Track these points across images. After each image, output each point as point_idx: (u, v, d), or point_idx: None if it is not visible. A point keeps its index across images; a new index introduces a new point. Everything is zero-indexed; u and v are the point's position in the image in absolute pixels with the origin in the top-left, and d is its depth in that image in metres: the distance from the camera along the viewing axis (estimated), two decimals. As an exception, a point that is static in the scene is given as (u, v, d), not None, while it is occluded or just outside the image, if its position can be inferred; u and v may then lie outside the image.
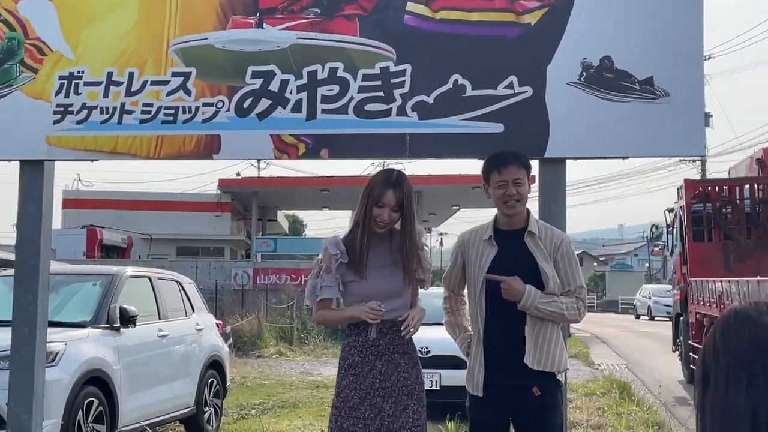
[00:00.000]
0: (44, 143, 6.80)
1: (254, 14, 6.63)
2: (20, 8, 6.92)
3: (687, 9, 6.32)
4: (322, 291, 4.47)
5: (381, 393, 4.07)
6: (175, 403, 10.06)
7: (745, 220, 16.87)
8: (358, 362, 4.23)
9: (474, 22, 6.43)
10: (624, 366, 20.28)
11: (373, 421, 4.12)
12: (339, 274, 4.46)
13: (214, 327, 11.50)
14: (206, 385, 10.63)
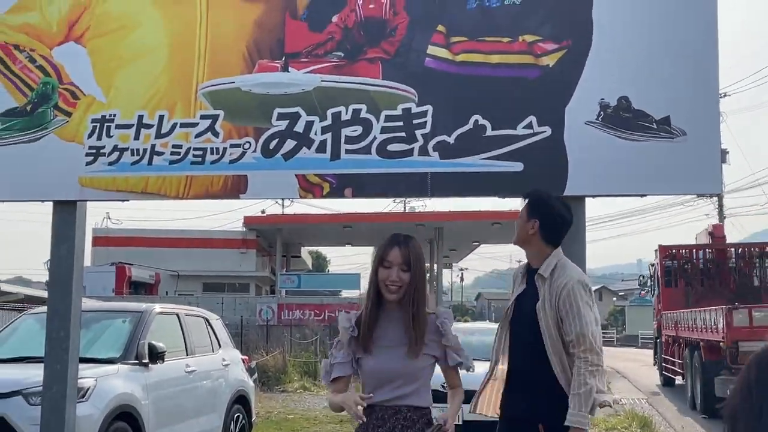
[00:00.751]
0: (77, 184, 6.88)
1: (280, 58, 6.71)
2: (54, 54, 7.04)
3: (703, 50, 6.35)
4: (333, 369, 3.99)
5: None
6: (203, 437, 10.07)
7: (699, 274, 24.11)
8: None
9: (494, 64, 6.48)
10: (645, 400, 20.08)
11: None
12: (352, 350, 3.97)
13: (239, 362, 11.50)
14: (232, 420, 10.63)
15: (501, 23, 6.51)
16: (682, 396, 20.28)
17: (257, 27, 6.79)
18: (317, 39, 6.69)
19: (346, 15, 6.68)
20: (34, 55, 7.08)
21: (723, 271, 23.53)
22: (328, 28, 6.69)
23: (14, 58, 7.11)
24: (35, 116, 7.01)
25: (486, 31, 6.53)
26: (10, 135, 7.03)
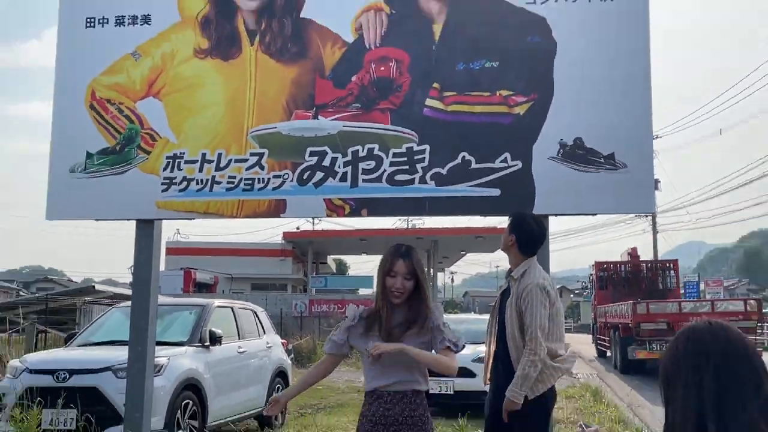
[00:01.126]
0: (154, 207, 6.90)
1: (311, 109, 6.72)
2: (138, 106, 7.06)
3: (640, 101, 6.33)
4: (329, 343, 3.88)
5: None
6: (250, 404, 10.03)
7: (621, 281, 26.80)
8: (368, 430, 3.45)
9: (477, 113, 6.48)
10: (596, 375, 20.07)
11: None
12: (354, 342, 3.73)
13: (279, 345, 11.47)
14: (274, 390, 10.59)
15: (482, 81, 6.51)
16: (608, 362, 23.76)
17: (293, 85, 6.80)
18: (340, 94, 6.70)
19: (363, 75, 6.69)
20: (122, 107, 7.11)
21: (637, 279, 26.58)
22: (349, 86, 6.70)
23: (106, 110, 7.13)
24: (122, 154, 7.03)
25: (471, 88, 6.53)
26: (103, 169, 7.04)
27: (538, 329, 4.52)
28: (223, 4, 7.01)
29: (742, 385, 1.70)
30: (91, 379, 7.97)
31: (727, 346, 1.74)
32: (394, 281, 3.56)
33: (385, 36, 6.69)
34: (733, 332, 1.78)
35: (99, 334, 9.57)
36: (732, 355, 1.73)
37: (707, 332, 1.79)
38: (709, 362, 1.72)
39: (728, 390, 1.69)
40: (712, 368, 1.71)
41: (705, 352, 1.74)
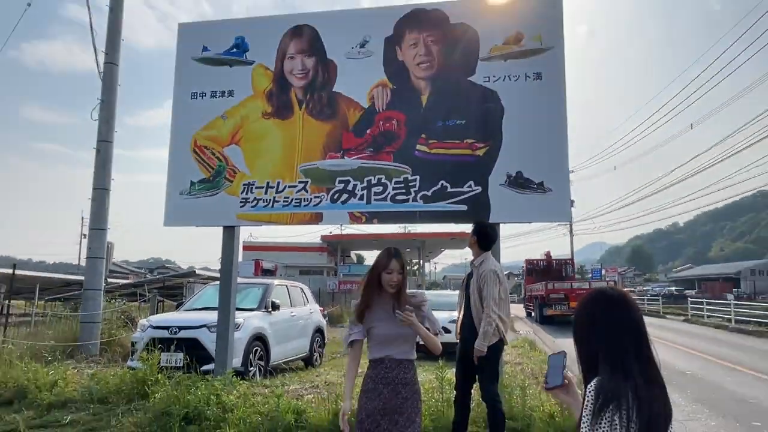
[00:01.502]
0: (235, 217, 6.89)
1: (339, 151, 6.70)
2: (224, 150, 7.07)
3: (558, 146, 6.31)
4: (350, 337, 3.23)
5: (381, 412, 3.06)
6: (299, 350, 9.96)
7: (541, 271, 27.76)
8: (370, 389, 3.11)
9: (451, 154, 6.47)
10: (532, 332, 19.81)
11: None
12: (367, 325, 3.22)
13: (318, 311, 11.39)
14: (314, 341, 10.53)
15: (454, 133, 6.49)
16: (532, 319, 24.83)
17: (328, 136, 6.79)
18: (359, 141, 6.69)
19: (374, 129, 6.67)
20: (214, 151, 7.11)
21: (549, 270, 27.94)
22: (365, 136, 6.69)
23: (204, 153, 7.14)
24: (214, 182, 7.03)
25: (447, 137, 6.51)
26: (201, 192, 7.05)
27: (491, 300, 4.54)
28: (281, 83, 7.03)
29: (631, 329, 1.65)
30: (192, 333, 7.94)
31: (622, 305, 1.69)
32: (390, 276, 3.18)
33: (389, 103, 6.69)
34: (626, 297, 1.72)
35: (198, 302, 9.53)
36: (628, 309, 1.68)
37: (611, 294, 1.72)
38: (613, 314, 1.67)
39: (623, 333, 1.64)
40: (615, 318, 1.67)
41: (608, 309, 1.69)
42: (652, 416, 1.51)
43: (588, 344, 1.69)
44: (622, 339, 1.63)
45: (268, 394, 6.10)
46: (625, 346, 1.63)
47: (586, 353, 1.68)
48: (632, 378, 1.56)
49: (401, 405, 3.12)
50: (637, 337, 1.64)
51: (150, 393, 6.19)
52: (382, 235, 35.00)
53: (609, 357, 1.62)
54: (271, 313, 9.13)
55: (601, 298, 1.73)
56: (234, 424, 5.19)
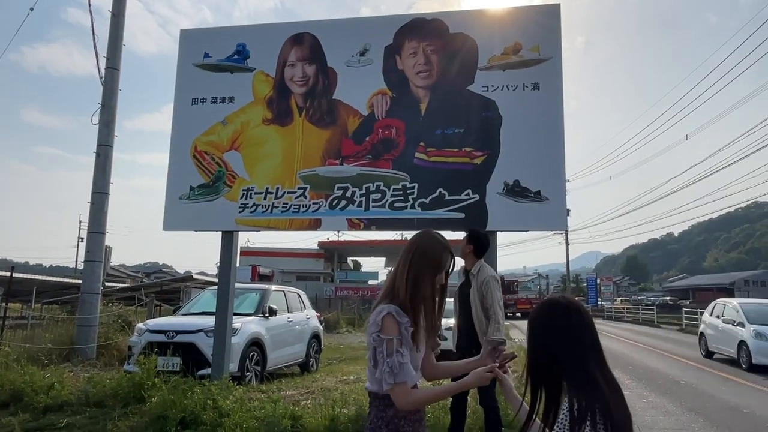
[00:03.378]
0: (234, 222, 6.89)
1: (338, 158, 6.72)
2: (224, 156, 7.08)
3: (556, 156, 6.34)
4: (402, 370, 2.08)
5: None
6: (295, 356, 9.93)
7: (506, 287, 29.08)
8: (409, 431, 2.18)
9: (449, 162, 6.49)
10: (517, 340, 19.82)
11: None
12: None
13: (315, 317, 11.35)
14: (311, 347, 10.50)
15: (453, 141, 6.52)
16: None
17: (327, 142, 6.81)
18: (358, 148, 6.71)
19: (373, 137, 6.70)
20: (214, 157, 7.13)
21: (503, 286, 36.11)
22: (364, 143, 6.71)
23: (204, 158, 7.15)
24: (213, 188, 7.04)
25: (446, 145, 6.54)
26: (201, 198, 7.05)
27: (498, 306, 4.50)
28: (281, 90, 7.05)
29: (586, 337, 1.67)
30: (189, 337, 7.92)
31: (579, 312, 1.70)
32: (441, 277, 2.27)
33: (388, 111, 6.72)
34: (581, 305, 1.74)
35: (195, 307, 9.52)
36: (583, 316, 1.69)
37: (567, 302, 1.74)
38: (571, 318, 1.67)
39: (582, 338, 1.65)
40: (573, 326, 1.67)
41: (566, 316, 1.69)
42: (621, 422, 1.53)
43: (546, 348, 1.69)
44: (583, 343, 1.64)
45: (264, 399, 6.08)
46: (587, 350, 1.63)
47: (543, 358, 1.68)
48: (600, 388, 1.56)
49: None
50: (594, 342, 1.65)
51: (146, 397, 6.17)
52: (379, 242, 34.99)
53: (571, 363, 1.62)
54: (268, 319, 9.12)
55: (559, 304, 1.73)
56: (230, 429, 5.17)
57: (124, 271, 55.43)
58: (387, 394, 2.15)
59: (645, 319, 32.28)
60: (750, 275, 75.68)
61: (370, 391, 2.22)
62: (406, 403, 2.12)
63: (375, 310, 2.23)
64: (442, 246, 2.31)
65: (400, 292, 2.22)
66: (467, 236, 4.90)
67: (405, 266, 2.25)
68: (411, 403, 2.12)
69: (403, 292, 2.22)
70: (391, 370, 2.07)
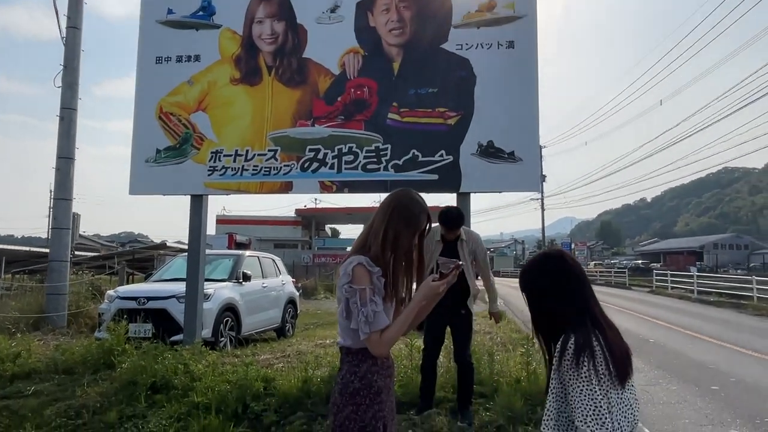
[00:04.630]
0: (203, 186, 6.72)
1: (310, 119, 6.56)
2: (191, 117, 6.86)
3: (530, 117, 6.27)
4: (377, 318, 2.04)
5: (392, 416, 2.22)
6: (271, 321, 9.89)
7: None
8: (382, 387, 2.14)
9: (423, 122, 6.37)
10: (502, 303, 20.07)
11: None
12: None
13: (290, 282, 11.23)
14: (287, 312, 10.46)
15: (426, 101, 6.40)
16: None
17: (298, 103, 6.63)
18: (330, 109, 6.55)
19: (345, 97, 6.54)
20: (180, 118, 6.90)
21: None
22: (336, 104, 6.55)
23: (170, 120, 6.92)
24: (180, 150, 6.83)
25: (419, 106, 6.41)
26: (167, 161, 6.85)
27: (487, 262, 4.77)
28: (249, 48, 6.81)
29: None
30: (161, 303, 7.80)
31: (571, 259, 1.80)
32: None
33: (360, 70, 6.54)
34: (571, 255, 1.85)
35: (167, 273, 9.36)
36: (574, 262, 1.79)
37: (561, 252, 1.84)
38: (568, 265, 1.76)
39: (576, 280, 1.74)
40: (572, 275, 1.76)
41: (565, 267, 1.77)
42: (621, 355, 1.62)
43: (543, 293, 1.75)
44: (584, 285, 1.73)
45: (237, 363, 6.04)
46: (588, 291, 1.73)
47: (550, 304, 1.73)
48: (599, 324, 1.66)
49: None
50: (590, 286, 1.75)
51: (116, 363, 6.08)
52: (356, 209, 34.91)
53: (569, 303, 1.69)
54: (242, 284, 9.02)
55: (555, 255, 1.81)
56: (202, 393, 5.12)
57: (98, 242, 54.51)
58: (361, 349, 2.13)
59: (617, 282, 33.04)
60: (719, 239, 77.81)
61: (343, 346, 2.20)
62: (383, 348, 2.09)
63: (345, 262, 2.19)
64: (421, 206, 2.26)
65: (373, 246, 2.19)
66: (455, 220, 4.49)
67: (381, 224, 2.21)
68: (387, 345, 2.09)
69: (376, 246, 2.18)
70: (366, 319, 2.05)
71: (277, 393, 5.04)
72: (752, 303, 16.81)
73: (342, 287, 2.12)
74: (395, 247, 2.19)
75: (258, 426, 4.69)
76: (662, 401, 6.37)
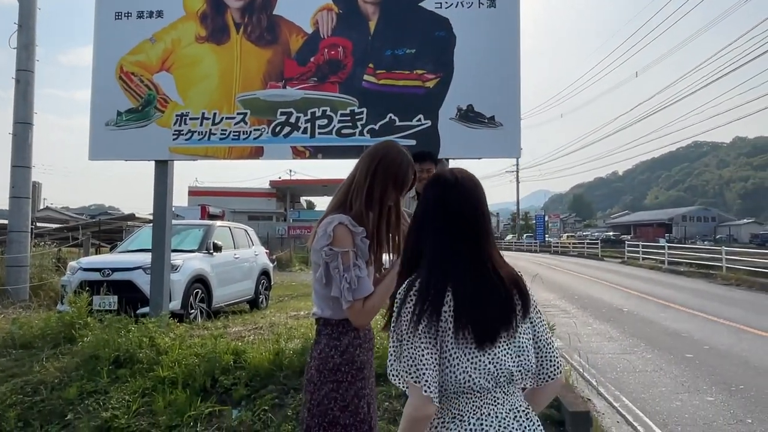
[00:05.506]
0: (168, 151, 6.35)
1: (281, 81, 6.21)
2: (154, 78, 6.44)
3: (511, 80, 6.03)
4: (361, 285, 1.84)
5: (373, 393, 2.03)
6: (243, 293, 9.62)
7: None
8: (365, 362, 1.96)
9: (400, 85, 6.09)
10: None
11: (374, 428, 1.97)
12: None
13: (264, 253, 10.91)
14: (260, 284, 10.20)
15: (404, 62, 6.09)
16: None
17: (268, 63, 6.26)
18: (302, 70, 6.20)
19: (319, 57, 6.19)
20: (142, 78, 6.47)
21: None
22: (308, 65, 6.20)
23: (131, 80, 6.49)
24: (143, 113, 6.42)
25: (396, 67, 6.11)
26: (129, 124, 6.44)
27: None
28: (216, 3, 6.38)
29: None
30: (126, 275, 7.47)
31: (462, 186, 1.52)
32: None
33: (334, 29, 6.19)
34: (471, 181, 1.54)
35: (134, 244, 8.97)
36: (465, 191, 1.51)
37: (453, 177, 1.54)
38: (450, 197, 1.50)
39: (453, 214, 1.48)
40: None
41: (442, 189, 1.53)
42: (478, 313, 1.37)
43: (416, 222, 1.52)
44: (452, 218, 1.46)
45: (206, 336, 5.79)
46: (457, 227, 1.45)
47: (411, 244, 1.51)
48: (459, 268, 1.41)
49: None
50: (474, 227, 1.46)
51: (78, 337, 5.78)
52: (332, 181, 34.52)
53: (434, 238, 1.45)
54: (213, 255, 8.72)
55: (442, 177, 1.53)
56: (168, 367, 4.87)
57: (67, 214, 53.15)
58: (342, 320, 1.93)
59: (590, 253, 33.52)
60: (687, 211, 79.63)
61: (321, 317, 1.98)
62: (365, 318, 1.91)
63: (323, 222, 1.95)
64: (409, 162, 2.05)
65: (355, 204, 1.96)
66: (430, 159, 3.99)
67: (365, 178, 1.98)
68: (369, 315, 1.90)
69: (359, 204, 1.96)
70: (350, 286, 1.84)
71: (247, 366, 4.82)
72: (721, 273, 17.15)
73: (321, 250, 1.89)
74: (381, 206, 1.98)
75: (227, 400, 4.48)
76: (638, 369, 6.36)
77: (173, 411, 4.27)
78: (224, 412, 4.28)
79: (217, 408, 4.31)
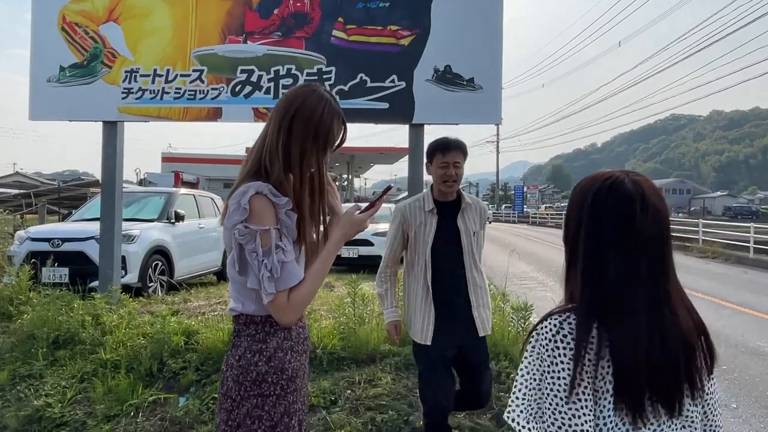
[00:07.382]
0: (117, 111, 5.76)
1: (241, 35, 5.63)
2: (101, 29, 5.80)
3: (493, 40, 5.54)
4: (285, 272, 1.45)
5: (305, 406, 1.64)
6: (210, 264, 9.13)
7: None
8: (297, 370, 1.55)
9: (372, 42, 5.55)
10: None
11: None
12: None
13: (234, 223, 10.45)
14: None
15: (377, 17, 5.55)
16: None
17: (227, 15, 5.66)
18: (265, 24, 5.62)
19: (283, 9, 5.61)
20: (87, 30, 5.83)
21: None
22: (272, 18, 5.62)
23: (75, 31, 5.84)
24: (89, 68, 5.80)
25: (368, 22, 5.56)
26: (74, 80, 5.82)
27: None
28: (169, -54, 5.72)
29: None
30: (78, 245, 6.95)
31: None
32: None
33: (300, -23, 5.60)
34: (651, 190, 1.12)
35: (88, 213, 8.38)
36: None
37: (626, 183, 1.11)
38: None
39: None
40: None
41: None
42: (646, 389, 1.01)
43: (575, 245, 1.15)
44: (637, 256, 1.05)
45: (157, 314, 5.34)
46: (635, 269, 1.05)
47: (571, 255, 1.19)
48: (627, 323, 1.03)
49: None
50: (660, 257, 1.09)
51: (17, 314, 5.29)
52: (310, 148, 33.78)
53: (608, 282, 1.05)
54: (175, 225, 8.20)
55: (619, 191, 1.08)
56: (112, 349, 4.44)
57: (38, 179, 51.56)
58: (268, 317, 1.49)
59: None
60: (663, 183, 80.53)
61: (242, 313, 1.53)
62: (292, 314, 1.46)
63: (236, 192, 1.49)
64: (334, 111, 1.60)
65: (273, 168, 1.51)
66: (455, 145, 2.90)
67: (278, 136, 1.53)
68: (297, 310, 1.47)
69: (276, 170, 1.50)
70: (271, 274, 1.42)
71: (199, 348, 4.40)
72: (697, 246, 17.11)
73: (234, 228, 1.45)
74: (301, 169, 1.53)
75: (175, 386, 4.07)
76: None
77: (113, 399, 3.84)
78: (170, 399, 3.87)
79: (162, 396, 3.90)
